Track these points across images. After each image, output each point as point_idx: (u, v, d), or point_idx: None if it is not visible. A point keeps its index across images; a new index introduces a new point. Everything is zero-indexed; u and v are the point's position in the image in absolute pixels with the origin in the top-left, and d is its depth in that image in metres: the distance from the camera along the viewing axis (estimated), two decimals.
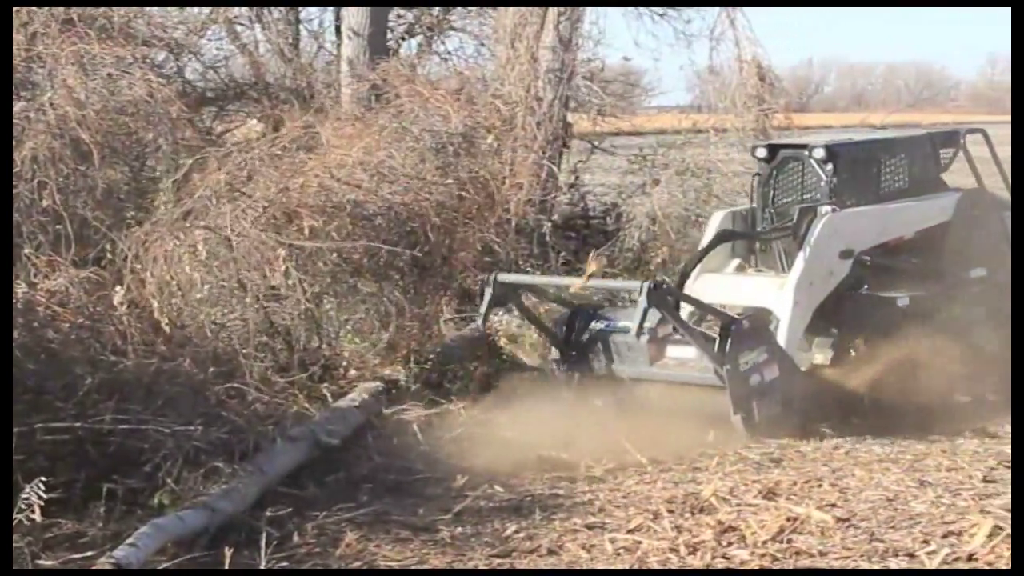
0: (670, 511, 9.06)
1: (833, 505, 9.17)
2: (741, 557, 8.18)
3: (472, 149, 14.25)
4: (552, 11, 18.31)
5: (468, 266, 13.69)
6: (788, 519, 8.72)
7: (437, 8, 21.14)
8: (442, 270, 13.25)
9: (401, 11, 20.94)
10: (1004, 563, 7.84)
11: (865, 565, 7.99)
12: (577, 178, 20.03)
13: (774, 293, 12.39)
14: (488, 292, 12.46)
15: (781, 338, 12.01)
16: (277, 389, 10.80)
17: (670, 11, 19.87)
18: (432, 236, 12.65)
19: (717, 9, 19.11)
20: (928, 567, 7.92)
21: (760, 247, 13.28)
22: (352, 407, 11.14)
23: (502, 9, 18.85)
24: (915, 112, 42.79)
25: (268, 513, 8.79)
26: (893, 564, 8.01)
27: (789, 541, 8.38)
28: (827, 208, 12.68)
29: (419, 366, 12.32)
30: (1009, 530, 8.29)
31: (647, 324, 11.56)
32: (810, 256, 12.32)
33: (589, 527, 8.84)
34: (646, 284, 11.38)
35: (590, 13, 18.94)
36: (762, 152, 13.41)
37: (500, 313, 14.63)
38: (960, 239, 13.44)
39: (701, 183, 19.29)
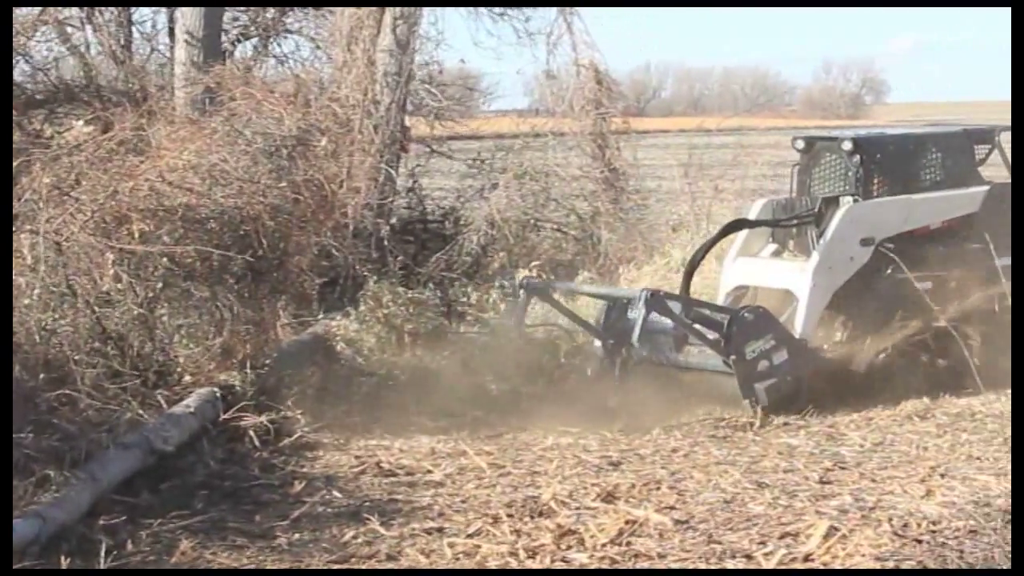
0: (509, 515, 9.04)
1: (672, 507, 9.23)
2: (580, 560, 8.21)
3: (307, 152, 14.09)
4: (389, 14, 18.22)
5: (305, 270, 13.57)
6: (627, 522, 8.76)
7: (272, 10, 20.93)
8: (277, 274, 13.10)
9: (236, 13, 20.71)
10: (839, 563, 7.95)
11: (703, 566, 8.05)
12: (415, 182, 19.96)
13: (797, 276, 13.32)
14: (521, 297, 13.61)
15: (799, 317, 13.07)
16: (110, 395, 10.59)
17: (509, 10, 19.87)
18: (266, 240, 12.50)
19: (554, 13, 19.18)
20: (764, 567, 8.00)
21: (795, 233, 14.01)
22: (187, 413, 10.95)
23: (338, 11, 18.72)
24: (751, 117, 43.39)
25: (101, 521, 8.62)
26: (730, 565, 8.08)
27: (628, 544, 8.42)
28: (849, 198, 13.67)
29: (255, 371, 12.15)
30: (844, 530, 8.44)
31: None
32: (829, 243, 13.30)
33: (428, 532, 8.79)
34: (643, 293, 12.40)
35: (428, 15, 18.90)
36: (800, 144, 14.25)
37: (338, 317, 14.56)
38: (986, 229, 14.01)
39: (539, 187, 19.39)
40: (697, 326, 12.75)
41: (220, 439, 11.03)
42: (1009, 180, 14.25)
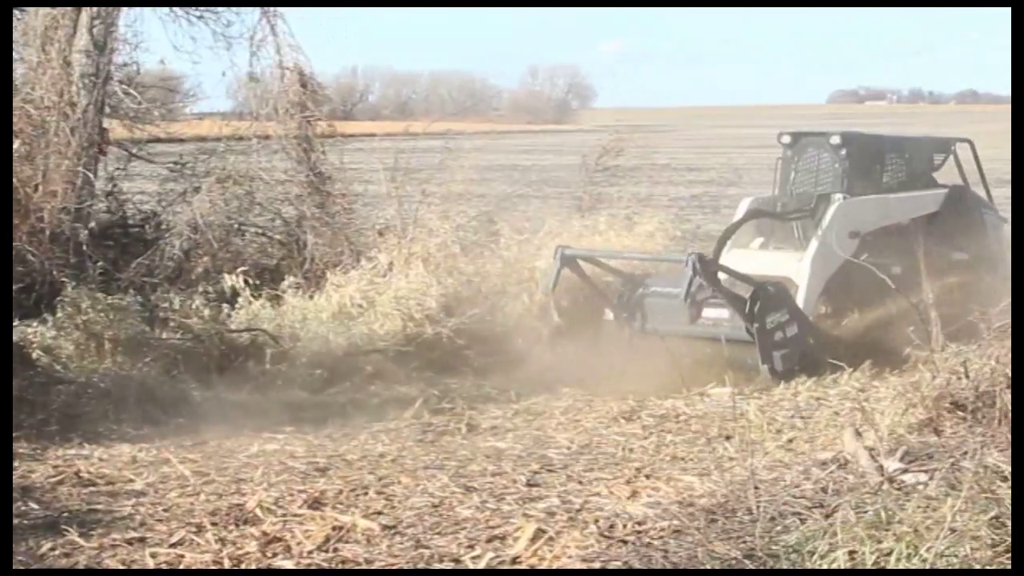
0: (214, 524, 8.88)
1: (379, 513, 9.19)
2: (286, 567, 8.08)
3: None
4: (85, 14, 17.78)
5: None
6: (334, 528, 8.72)
7: None
8: None
9: None
10: (547, 565, 7.99)
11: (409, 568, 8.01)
12: (115, 186, 19.51)
13: (794, 265, 15.21)
14: (556, 263, 14.98)
15: (800, 301, 14.89)
16: None
17: (208, 13, 19.53)
18: None
19: (257, 14, 18.95)
20: (472, 569, 7.99)
21: (779, 225, 15.96)
22: None
23: (31, 11, 18.18)
24: (458, 121, 43.68)
25: None
26: (438, 568, 8.05)
27: (335, 550, 8.36)
28: (839, 195, 15.57)
29: None
30: (551, 532, 8.49)
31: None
32: (824, 235, 15.24)
33: (129, 542, 8.56)
34: (693, 256, 13.90)
35: (125, 16, 18.48)
36: (786, 139, 16.16)
37: (34, 324, 14.13)
38: (946, 226, 16.36)
39: (244, 191, 19.11)
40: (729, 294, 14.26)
41: None
42: (961, 184, 16.72)
